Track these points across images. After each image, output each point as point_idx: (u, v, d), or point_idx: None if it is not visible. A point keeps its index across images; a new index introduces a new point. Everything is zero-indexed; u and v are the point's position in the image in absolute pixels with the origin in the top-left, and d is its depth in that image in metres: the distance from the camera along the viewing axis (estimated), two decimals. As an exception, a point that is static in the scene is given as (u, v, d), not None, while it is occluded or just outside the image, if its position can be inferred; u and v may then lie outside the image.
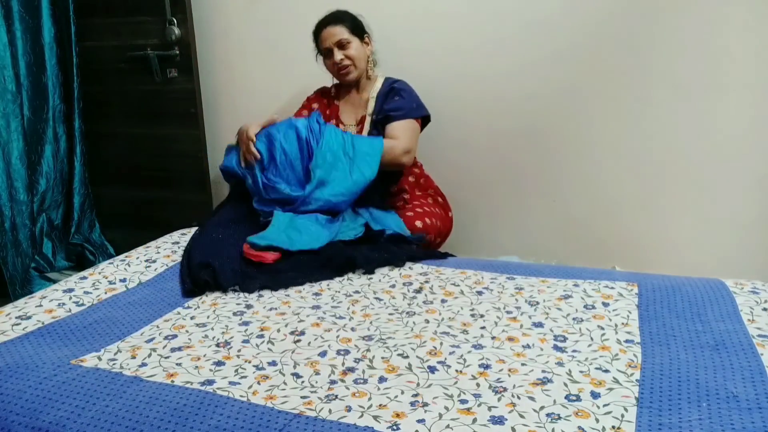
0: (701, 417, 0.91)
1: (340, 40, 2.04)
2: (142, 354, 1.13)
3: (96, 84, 2.71)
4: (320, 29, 2.08)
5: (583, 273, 1.51)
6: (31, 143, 2.54)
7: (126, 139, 2.75)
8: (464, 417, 0.92)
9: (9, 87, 2.38)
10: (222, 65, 2.66)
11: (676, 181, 2.19)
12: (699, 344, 1.13)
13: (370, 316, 1.29)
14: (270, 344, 1.17)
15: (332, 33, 2.05)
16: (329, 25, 2.06)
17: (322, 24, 2.08)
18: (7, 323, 1.26)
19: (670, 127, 2.15)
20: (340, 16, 2.07)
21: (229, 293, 1.41)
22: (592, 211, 2.31)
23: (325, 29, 2.06)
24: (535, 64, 2.23)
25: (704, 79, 2.08)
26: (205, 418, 0.93)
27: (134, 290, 1.44)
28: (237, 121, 2.70)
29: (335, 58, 2.05)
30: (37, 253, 2.59)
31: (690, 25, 2.05)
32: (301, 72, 2.56)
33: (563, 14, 2.17)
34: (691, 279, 1.43)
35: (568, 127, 2.27)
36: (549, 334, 1.19)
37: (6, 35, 2.37)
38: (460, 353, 1.12)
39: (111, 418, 0.93)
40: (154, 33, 2.53)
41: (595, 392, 0.99)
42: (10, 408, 0.97)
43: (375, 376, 1.05)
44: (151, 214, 2.79)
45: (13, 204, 2.41)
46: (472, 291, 1.40)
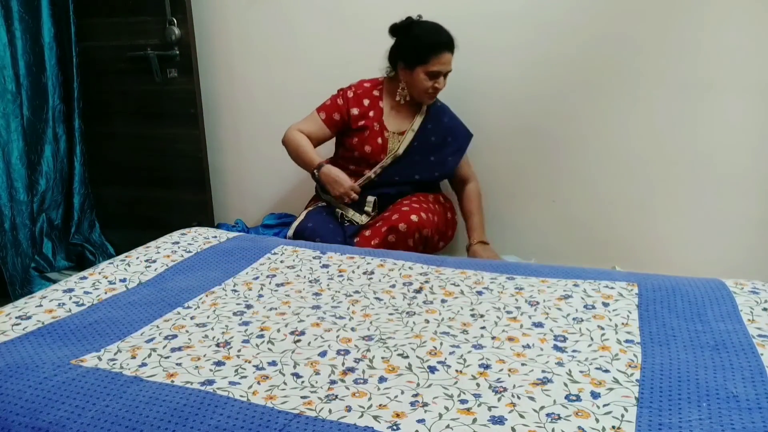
0: (701, 417, 0.91)
1: (450, 69, 2.05)
2: (142, 354, 1.13)
3: (96, 84, 2.71)
4: (441, 50, 2.02)
5: (583, 273, 1.51)
6: (31, 143, 2.54)
7: (126, 139, 2.75)
8: (464, 417, 0.92)
9: (9, 87, 2.38)
10: (222, 65, 2.66)
11: (676, 182, 2.20)
12: (699, 344, 1.13)
13: (370, 316, 1.29)
14: (270, 344, 1.17)
15: (449, 60, 2.04)
16: (449, 52, 2.03)
17: (446, 47, 2.03)
18: (7, 323, 1.25)
19: (671, 127, 2.16)
20: (455, 44, 2.04)
21: (230, 293, 1.41)
22: (592, 211, 2.31)
23: (446, 54, 2.03)
24: (536, 65, 2.24)
25: (705, 80, 2.08)
26: (205, 418, 0.93)
27: (134, 290, 1.43)
28: (237, 121, 2.72)
29: (438, 83, 2.05)
30: (37, 253, 2.59)
31: (691, 26, 2.06)
32: (301, 72, 2.56)
33: (563, 16, 2.17)
34: (691, 279, 1.43)
35: (568, 128, 2.27)
36: (549, 334, 1.19)
37: (6, 35, 2.37)
38: (460, 353, 1.12)
39: (111, 418, 0.93)
40: (154, 33, 2.53)
41: (595, 392, 0.99)
42: (10, 408, 0.97)
43: (375, 376, 1.05)
44: (151, 214, 2.79)
45: (13, 204, 2.41)
46: (472, 291, 1.40)
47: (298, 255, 1.65)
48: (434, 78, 2.04)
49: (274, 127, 2.65)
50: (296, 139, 2.14)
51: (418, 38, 2.04)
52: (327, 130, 2.17)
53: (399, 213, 2.00)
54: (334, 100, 2.16)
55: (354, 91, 2.17)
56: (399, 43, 2.10)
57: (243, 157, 2.75)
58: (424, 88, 2.06)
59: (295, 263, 1.59)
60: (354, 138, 2.14)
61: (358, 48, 2.43)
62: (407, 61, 2.06)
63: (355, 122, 2.14)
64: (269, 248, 1.70)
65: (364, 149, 2.13)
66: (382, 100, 2.16)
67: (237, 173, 2.79)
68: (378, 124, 2.13)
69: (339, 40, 2.46)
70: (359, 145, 2.13)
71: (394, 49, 2.12)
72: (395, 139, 2.13)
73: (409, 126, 2.14)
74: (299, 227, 2.10)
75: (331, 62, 2.49)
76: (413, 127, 2.13)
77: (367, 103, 2.14)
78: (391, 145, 2.13)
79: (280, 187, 2.69)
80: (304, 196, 2.35)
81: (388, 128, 2.13)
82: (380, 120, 2.13)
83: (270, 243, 1.76)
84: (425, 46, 2.02)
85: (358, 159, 2.15)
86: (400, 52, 2.09)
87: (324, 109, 2.16)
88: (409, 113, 2.16)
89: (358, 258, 1.62)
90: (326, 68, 2.50)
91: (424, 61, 2.02)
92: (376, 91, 2.17)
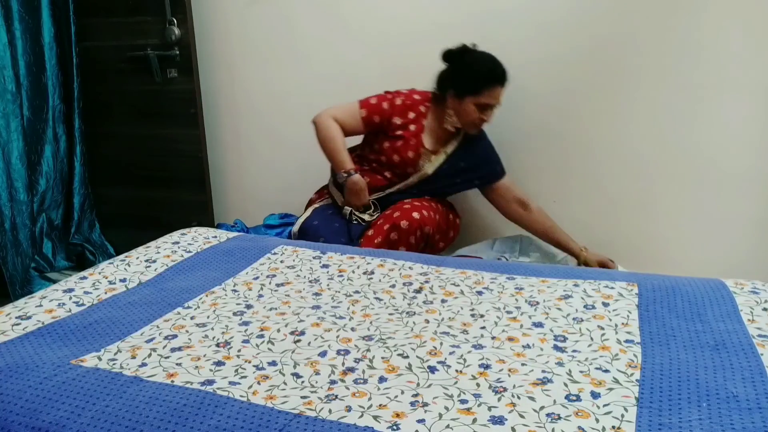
0: (701, 417, 0.91)
1: (499, 103, 2.03)
2: (142, 354, 1.13)
3: (96, 84, 2.71)
4: (494, 83, 1.99)
5: (583, 273, 1.51)
6: (31, 143, 2.54)
7: (126, 139, 2.75)
8: (464, 417, 0.92)
9: (9, 87, 2.38)
10: (222, 65, 2.66)
11: (677, 181, 2.20)
12: (699, 344, 1.13)
13: (370, 316, 1.29)
14: (270, 344, 1.17)
15: (500, 94, 2.02)
16: (502, 86, 2.01)
17: (500, 80, 2.00)
18: (7, 323, 1.25)
19: (672, 127, 2.16)
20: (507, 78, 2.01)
21: (230, 293, 1.41)
22: (593, 211, 2.31)
23: (498, 88, 2.00)
24: (536, 65, 2.24)
25: (706, 80, 2.08)
26: (205, 418, 0.93)
27: (134, 290, 1.43)
28: (237, 121, 2.72)
29: (487, 116, 2.03)
30: (37, 253, 2.59)
31: (691, 26, 2.06)
32: (301, 72, 2.56)
33: (565, 16, 2.17)
34: (691, 279, 1.43)
35: (569, 128, 2.27)
36: (549, 334, 1.19)
37: (6, 35, 2.37)
38: (460, 353, 1.12)
39: (111, 418, 0.93)
40: (154, 33, 2.53)
41: (595, 392, 0.99)
42: (10, 408, 0.97)
43: (375, 376, 1.05)
44: (151, 214, 2.79)
45: (13, 204, 2.41)
46: (472, 291, 1.40)
47: (298, 255, 1.65)
48: (483, 110, 2.01)
49: (274, 126, 2.66)
50: (332, 131, 2.07)
51: (471, 68, 2.00)
52: (361, 128, 2.12)
53: (401, 210, 2.00)
54: (380, 103, 2.10)
55: (403, 100, 2.11)
56: (452, 69, 2.05)
57: (243, 157, 2.75)
58: (471, 119, 2.02)
59: (295, 263, 1.59)
60: (385, 143, 2.10)
61: (357, 48, 2.43)
62: (458, 90, 2.01)
63: (393, 130, 2.09)
64: (269, 248, 1.70)
65: (393, 157, 2.09)
66: (426, 117, 2.11)
67: (237, 173, 2.79)
68: (415, 139, 2.09)
69: (339, 40, 2.46)
70: (389, 151, 2.09)
71: (445, 75, 2.07)
72: (427, 157, 2.10)
73: (443, 147, 2.11)
74: (305, 224, 2.09)
75: (330, 62, 2.49)
76: (447, 150, 2.10)
77: (412, 116, 2.10)
78: (421, 161, 2.10)
79: (280, 187, 2.69)
80: (304, 196, 2.35)
81: (425, 145, 2.10)
82: (419, 136, 2.09)
83: (270, 243, 1.76)
84: (479, 78, 1.99)
85: (383, 162, 2.12)
86: (451, 79, 2.04)
87: (367, 107, 2.10)
88: (446, 134, 2.11)
89: (358, 258, 1.62)
90: (326, 68, 2.50)
91: (476, 92, 1.98)
92: (423, 106, 2.12)
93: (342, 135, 2.09)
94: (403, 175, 2.13)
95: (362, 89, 2.20)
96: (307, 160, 2.60)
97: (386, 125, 2.10)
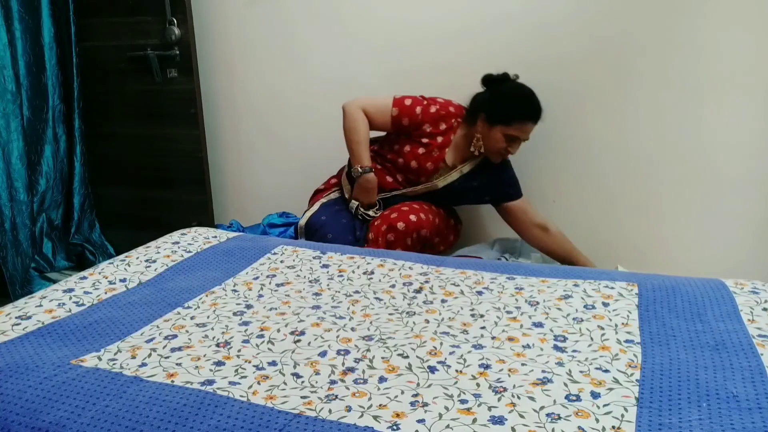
0: (701, 417, 0.91)
1: (527, 138, 2.02)
2: (142, 354, 1.13)
3: (96, 84, 2.71)
4: (528, 118, 1.97)
5: (583, 273, 1.51)
6: (31, 143, 2.54)
7: (126, 139, 2.75)
8: (464, 417, 0.92)
9: (9, 87, 2.38)
10: (222, 65, 2.66)
11: (677, 182, 2.20)
12: (699, 344, 1.13)
13: (370, 316, 1.29)
14: (270, 344, 1.17)
15: (531, 129, 2.00)
16: (534, 122, 1.99)
17: (533, 117, 1.98)
18: (7, 323, 1.25)
19: (673, 127, 2.16)
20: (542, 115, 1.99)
21: (230, 293, 1.41)
22: (593, 211, 2.31)
23: (530, 124, 1.99)
24: (536, 66, 2.23)
25: (707, 81, 2.08)
26: (205, 418, 0.93)
27: (134, 290, 1.43)
28: (237, 121, 2.72)
29: (513, 148, 2.01)
30: (37, 253, 2.59)
31: (690, 27, 2.06)
32: (301, 72, 2.56)
33: (566, 18, 2.17)
34: (691, 279, 1.43)
35: (569, 128, 2.27)
36: (549, 334, 1.19)
37: (6, 35, 2.37)
38: (460, 353, 1.12)
39: (111, 418, 0.93)
40: (154, 33, 2.53)
41: (595, 392, 0.99)
42: (10, 408, 0.97)
43: (375, 376, 1.05)
44: (151, 214, 2.79)
45: (13, 204, 2.41)
46: (472, 291, 1.40)
47: (298, 255, 1.65)
48: (511, 142, 1.99)
49: (274, 126, 2.66)
50: (358, 122, 2.04)
51: (508, 98, 1.99)
52: (389, 127, 2.08)
53: (398, 212, 2.00)
54: (414, 106, 2.05)
55: (438, 110, 2.07)
56: (487, 94, 2.03)
57: (243, 157, 2.75)
58: (497, 148, 2.00)
59: (295, 263, 1.59)
60: (407, 146, 2.08)
61: (357, 48, 2.43)
62: (490, 116, 1.98)
63: (420, 137, 2.06)
64: (269, 248, 1.70)
65: (411, 163, 2.07)
66: (455, 132, 2.09)
67: (237, 173, 2.79)
68: (439, 151, 2.06)
69: (338, 41, 2.46)
70: (409, 156, 2.07)
71: (480, 98, 2.05)
72: (444, 172, 2.09)
73: (461, 165, 2.09)
74: (312, 218, 2.08)
75: (330, 62, 2.49)
76: (463, 170, 2.08)
77: (443, 128, 2.07)
78: (436, 175, 2.09)
79: (280, 186, 2.69)
80: (303, 196, 2.35)
81: (446, 160, 2.08)
82: (443, 149, 2.07)
83: (270, 243, 1.76)
84: (513, 109, 1.97)
85: (399, 164, 2.10)
86: (485, 104, 2.01)
87: (399, 107, 2.05)
88: (469, 154, 2.08)
89: (358, 258, 1.62)
90: (326, 68, 2.50)
91: (508, 123, 1.96)
92: (455, 120, 2.09)
93: (367, 129, 2.05)
94: (413, 182, 2.11)
95: (362, 89, 2.20)
96: (306, 160, 2.61)
97: (413, 130, 2.06)
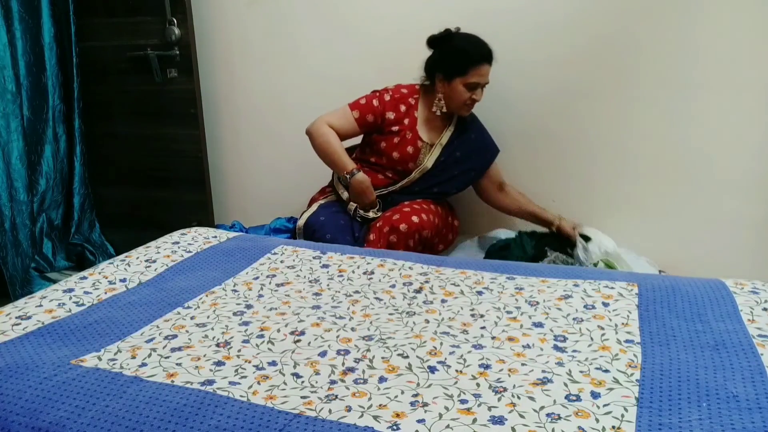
0: (701, 417, 0.91)
1: (488, 81, 2.04)
2: (142, 354, 1.13)
3: (96, 84, 2.71)
4: (480, 62, 2.00)
5: (583, 273, 1.51)
6: (31, 143, 2.54)
7: (126, 139, 2.75)
8: (464, 417, 0.92)
9: (9, 87, 2.38)
10: (222, 65, 2.66)
11: (676, 181, 2.20)
12: (699, 344, 1.13)
13: (370, 316, 1.29)
14: (270, 344, 1.17)
15: (487, 72, 2.03)
16: (488, 63, 2.02)
17: (485, 58, 2.01)
18: (7, 323, 1.25)
19: (671, 127, 2.16)
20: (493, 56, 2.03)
21: (230, 293, 1.41)
22: (592, 211, 2.31)
23: (485, 65, 2.01)
24: (535, 66, 2.24)
25: (705, 81, 2.08)
26: (205, 418, 0.93)
27: (134, 290, 1.43)
28: (237, 121, 2.72)
29: (476, 95, 2.04)
30: (37, 253, 2.59)
31: (689, 27, 2.06)
32: (301, 72, 2.56)
33: (563, 17, 2.17)
34: (691, 279, 1.43)
35: (568, 128, 2.27)
36: (549, 334, 1.19)
37: (6, 35, 2.37)
38: (460, 353, 1.12)
39: (111, 418, 0.93)
40: (154, 33, 2.53)
41: (595, 392, 0.99)
42: (10, 408, 0.97)
43: (375, 376, 1.05)
44: (151, 214, 2.79)
45: (13, 204, 2.41)
46: (472, 291, 1.40)
47: (298, 255, 1.65)
48: (472, 89, 2.02)
49: (274, 126, 2.66)
50: (326, 136, 2.08)
51: (457, 50, 2.02)
52: (357, 129, 2.12)
53: (400, 213, 2.00)
54: (370, 101, 2.11)
55: (392, 95, 2.12)
56: (437, 54, 2.07)
57: (243, 157, 2.75)
58: (462, 99, 2.04)
59: (295, 263, 1.59)
60: (382, 142, 2.11)
61: (357, 48, 2.43)
62: (446, 73, 2.03)
63: (388, 126, 2.10)
64: (269, 248, 1.70)
65: (393, 155, 2.10)
66: (417, 109, 2.13)
67: (237, 173, 2.79)
68: (411, 133, 2.10)
69: (338, 40, 2.46)
70: (388, 150, 2.10)
71: (431, 61, 2.09)
72: (426, 150, 2.11)
73: (438, 140, 2.12)
74: (310, 219, 2.09)
75: (330, 62, 2.49)
76: (441, 141, 2.12)
77: (403, 110, 2.11)
78: (421, 156, 2.11)
79: (280, 186, 2.69)
80: (304, 196, 2.35)
81: (422, 138, 2.11)
82: (414, 129, 2.11)
83: (270, 243, 1.76)
84: (465, 58, 2.00)
85: (383, 163, 2.13)
86: (438, 64, 2.06)
87: (358, 108, 2.10)
88: (440, 125, 2.13)
89: (358, 258, 1.62)
90: (326, 68, 2.50)
91: (463, 73, 2.00)
92: (412, 98, 2.13)
93: (338, 139, 2.10)
94: (404, 173, 2.13)
95: (361, 89, 2.20)
96: (307, 159, 2.60)
97: (380, 122, 2.11)
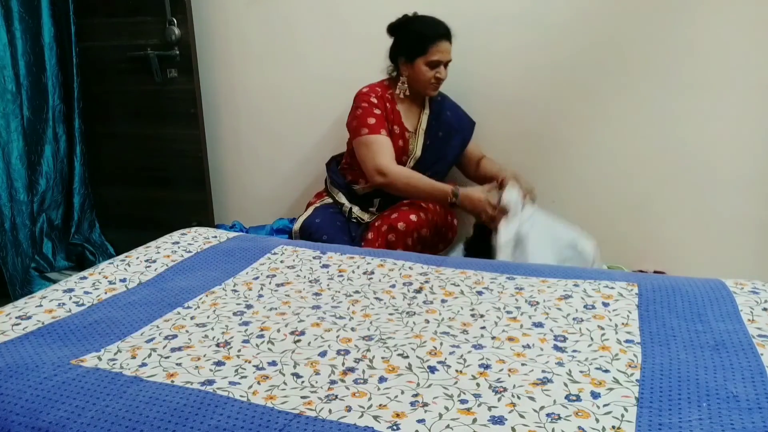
0: (701, 417, 0.91)
1: (449, 59, 2.05)
2: (142, 354, 1.13)
3: (96, 84, 2.71)
4: (439, 39, 2.02)
5: (583, 273, 1.51)
6: (31, 143, 2.54)
7: (126, 139, 2.75)
8: (464, 417, 0.92)
9: (9, 87, 2.38)
10: (222, 65, 2.66)
11: (676, 182, 2.20)
12: (699, 344, 1.13)
13: (370, 316, 1.29)
14: (270, 344, 1.17)
15: (448, 49, 2.04)
16: (447, 40, 2.04)
17: (443, 35, 2.03)
18: (7, 323, 1.25)
19: (670, 128, 2.16)
20: (452, 33, 2.05)
21: (230, 293, 1.41)
22: (592, 211, 2.31)
23: (444, 42, 2.03)
24: (534, 67, 2.24)
25: (704, 81, 2.08)
26: (205, 418, 0.93)
27: (134, 290, 1.43)
28: (237, 121, 2.72)
29: (440, 73, 2.05)
30: (37, 253, 2.59)
31: (689, 27, 2.06)
32: (301, 72, 2.56)
33: (561, 20, 2.18)
34: (691, 279, 1.43)
35: (568, 129, 2.27)
36: (549, 334, 1.19)
37: (6, 35, 2.37)
38: (460, 353, 1.12)
39: (111, 418, 0.93)
40: (154, 33, 2.53)
41: (595, 392, 0.99)
42: (10, 408, 0.97)
43: (375, 376, 1.05)
44: (151, 214, 2.79)
45: (13, 204, 2.41)
46: (472, 291, 1.40)
47: (298, 255, 1.65)
48: (435, 68, 2.04)
49: (274, 126, 2.66)
50: (404, 172, 2.03)
51: (415, 31, 2.06)
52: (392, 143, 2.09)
53: (398, 212, 2.01)
54: (370, 110, 2.07)
55: (376, 95, 2.12)
56: (398, 39, 2.11)
57: (243, 157, 2.76)
58: (426, 79, 2.06)
59: (295, 263, 1.59)
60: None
61: (356, 48, 2.44)
62: (407, 55, 2.07)
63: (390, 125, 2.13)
64: (269, 248, 1.70)
65: None
66: (396, 102, 2.15)
67: (237, 173, 2.79)
68: (398, 127, 2.12)
69: (338, 40, 2.46)
70: None
71: (393, 47, 2.13)
72: (413, 139, 2.15)
73: (418, 125, 2.15)
74: (306, 222, 2.10)
75: (330, 62, 2.49)
76: (422, 126, 2.15)
77: (389, 107, 2.13)
78: (411, 146, 2.15)
79: (280, 186, 2.69)
80: (303, 196, 2.35)
81: (408, 128, 2.15)
82: (400, 122, 2.13)
83: (270, 243, 1.76)
84: (423, 37, 2.04)
85: None
86: (399, 48, 2.10)
87: (378, 126, 2.05)
88: (416, 111, 2.17)
89: (358, 258, 1.62)
90: (326, 68, 2.50)
91: (423, 52, 2.03)
92: (388, 93, 2.15)
93: (412, 170, 2.07)
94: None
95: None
96: (306, 160, 2.61)
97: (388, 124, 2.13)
